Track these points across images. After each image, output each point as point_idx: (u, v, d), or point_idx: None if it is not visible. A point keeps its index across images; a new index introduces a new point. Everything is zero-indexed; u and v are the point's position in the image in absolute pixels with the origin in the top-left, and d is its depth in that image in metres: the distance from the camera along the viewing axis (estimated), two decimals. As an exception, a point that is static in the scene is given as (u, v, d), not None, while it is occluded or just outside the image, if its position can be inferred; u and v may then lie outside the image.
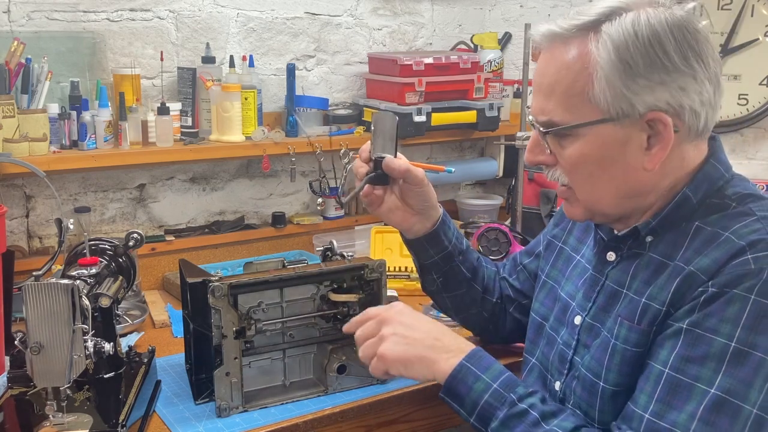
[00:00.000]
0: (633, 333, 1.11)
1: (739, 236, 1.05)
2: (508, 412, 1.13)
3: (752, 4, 2.33)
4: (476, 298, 1.54)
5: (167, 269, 2.10)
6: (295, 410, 1.41)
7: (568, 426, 1.10)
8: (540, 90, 1.12)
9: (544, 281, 1.40)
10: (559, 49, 1.09)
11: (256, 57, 2.25)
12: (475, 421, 1.17)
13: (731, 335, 1.00)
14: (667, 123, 1.06)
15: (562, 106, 1.09)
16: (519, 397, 1.14)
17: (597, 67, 1.05)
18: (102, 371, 1.37)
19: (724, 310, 1.01)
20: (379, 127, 1.41)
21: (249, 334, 1.40)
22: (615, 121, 1.07)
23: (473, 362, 1.19)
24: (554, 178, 1.17)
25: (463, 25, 2.70)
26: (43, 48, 1.91)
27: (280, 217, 2.30)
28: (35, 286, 1.16)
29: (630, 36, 1.05)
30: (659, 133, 1.07)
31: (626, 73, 1.05)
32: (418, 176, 1.41)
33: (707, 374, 1.01)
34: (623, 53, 1.05)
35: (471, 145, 2.78)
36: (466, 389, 1.17)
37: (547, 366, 1.30)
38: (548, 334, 1.32)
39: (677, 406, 1.02)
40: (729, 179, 1.14)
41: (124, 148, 1.96)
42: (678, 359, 1.04)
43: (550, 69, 1.10)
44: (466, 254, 1.52)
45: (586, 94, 1.07)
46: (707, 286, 1.03)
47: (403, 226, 1.48)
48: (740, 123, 2.39)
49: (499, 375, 1.17)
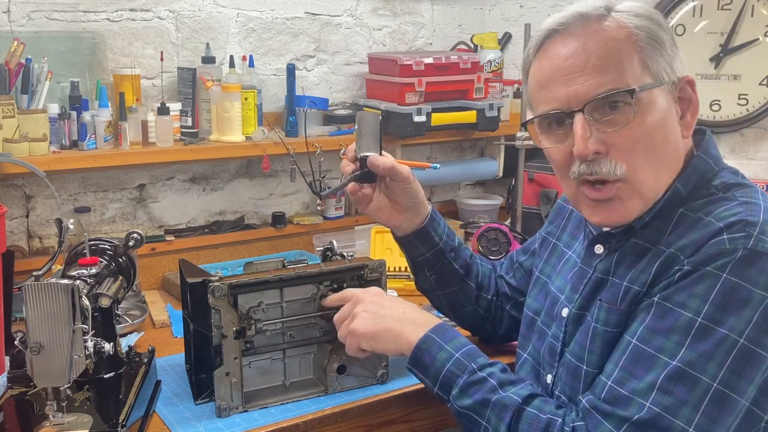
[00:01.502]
0: (613, 315, 1.13)
1: (719, 219, 1.06)
2: (468, 379, 1.18)
3: (752, 4, 2.33)
4: (471, 296, 1.55)
5: (167, 269, 2.10)
6: (295, 410, 1.41)
7: (523, 393, 1.14)
8: (587, 70, 1.08)
9: (537, 277, 1.41)
10: (595, 26, 1.10)
11: (256, 57, 2.25)
12: (438, 390, 1.23)
13: (698, 311, 1.02)
14: (695, 84, 1.13)
15: (620, 73, 1.08)
16: (479, 366, 1.19)
17: (637, 37, 1.09)
18: (102, 371, 1.37)
19: (694, 286, 1.03)
20: (363, 126, 1.45)
21: (249, 334, 1.40)
22: (664, 86, 1.11)
23: (438, 334, 1.26)
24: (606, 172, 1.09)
25: (463, 25, 2.70)
26: (43, 48, 1.91)
27: (280, 217, 2.30)
28: (35, 286, 1.16)
29: (642, 15, 1.11)
30: (689, 97, 1.13)
31: (658, 43, 1.10)
32: (403, 173, 1.44)
33: (670, 346, 1.03)
34: (647, 27, 1.10)
35: (471, 145, 2.78)
36: (431, 359, 1.23)
37: (538, 360, 1.31)
38: (539, 329, 1.33)
39: (638, 374, 1.05)
40: (717, 171, 1.16)
41: (124, 148, 1.96)
42: (645, 330, 1.06)
43: (594, 45, 1.09)
44: (458, 251, 1.54)
45: (636, 60, 1.09)
46: (683, 264, 1.05)
47: (392, 224, 1.51)
48: (740, 123, 2.40)
49: (462, 346, 1.23)
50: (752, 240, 1.02)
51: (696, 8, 2.41)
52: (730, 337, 1.00)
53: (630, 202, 1.12)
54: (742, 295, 1.01)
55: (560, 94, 1.11)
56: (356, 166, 1.45)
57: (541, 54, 1.14)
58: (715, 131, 2.43)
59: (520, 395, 1.14)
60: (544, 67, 1.13)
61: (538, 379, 1.31)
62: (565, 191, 1.21)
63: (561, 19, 1.12)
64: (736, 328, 1.00)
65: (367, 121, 1.45)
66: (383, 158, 1.44)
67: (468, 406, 1.17)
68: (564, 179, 1.17)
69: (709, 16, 2.39)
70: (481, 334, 1.63)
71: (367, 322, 1.32)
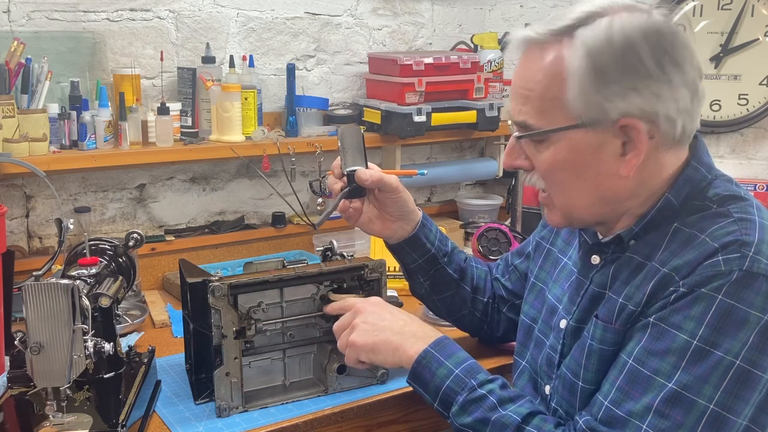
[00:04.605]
0: (608, 333, 1.13)
1: (714, 238, 1.05)
2: (467, 396, 1.17)
3: (752, 4, 2.33)
4: (466, 299, 1.54)
5: (167, 269, 2.10)
6: (295, 410, 1.41)
7: (523, 411, 1.14)
8: (516, 94, 1.13)
9: (533, 283, 1.40)
10: (535, 54, 1.09)
11: (256, 57, 2.25)
12: (438, 406, 1.22)
13: (694, 333, 1.02)
14: (641, 129, 1.05)
15: (537, 111, 1.09)
16: (479, 383, 1.18)
17: (570, 73, 1.05)
18: (102, 371, 1.37)
19: (690, 308, 1.03)
20: (346, 141, 1.44)
21: (249, 334, 1.40)
22: (588, 127, 1.07)
23: (438, 349, 1.24)
24: (532, 183, 1.17)
25: (463, 25, 2.70)
26: (43, 48, 1.91)
27: (280, 217, 2.30)
28: (35, 286, 1.16)
29: (602, 41, 1.04)
30: (633, 139, 1.07)
31: (599, 79, 1.04)
32: (391, 183, 1.43)
33: (666, 368, 1.03)
34: (596, 59, 1.04)
35: (471, 145, 2.78)
36: (430, 375, 1.22)
37: (536, 369, 1.31)
38: (537, 338, 1.33)
39: (634, 396, 1.05)
40: (711, 180, 1.14)
41: (124, 148, 1.96)
42: (641, 351, 1.06)
43: (526, 74, 1.10)
44: (452, 256, 1.53)
45: (559, 99, 1.07)
46: (678, 285, 1.04)
47: (384, 234, 1.50)
48: (740, 123, 2.39)
49: (462, 362, 1.22)
50: (747, 261, 1.02)
51: (696, 8, 2.41)
52: (726, 360, 1.00)
53: (554, 215, 1.19)
54: (737, 317, 1.00)
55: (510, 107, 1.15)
56: (344, 183, 1.44)
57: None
58: (715, 131, 2.43)
59: (519, 414, 1.13)
60: (514, 74, 1.16)
61: (537, 389, 1.31)
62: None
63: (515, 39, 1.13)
64: (732, 351, 1.00)
65: (349, 134, 1.45)
66: (370, 171, 1.43)
67: (468, 424, 1.16)
68: None
69: (709, 16, 2.39)
70: (479, 336, 1.63)
71: (366, 334, 1.31)
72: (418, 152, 2.64)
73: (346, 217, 1.48)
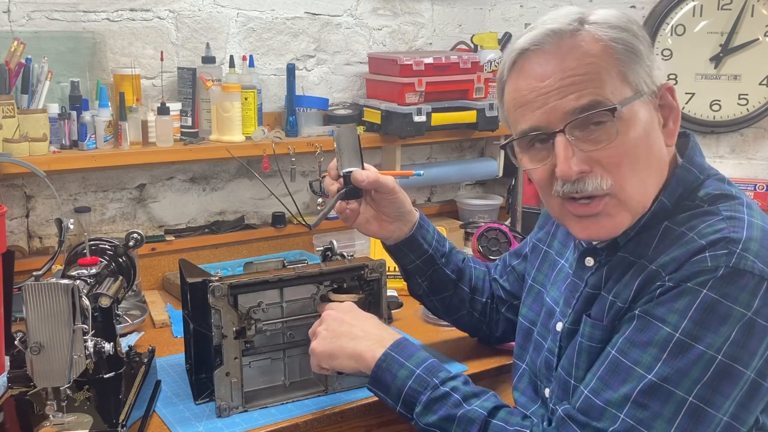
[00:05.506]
0: (597, 330, 1.13)
1: (702, 236, 1.05)
2: (431, 395, 1.17)
3: (752, 4, 2.33)
4: (465, 300, 1.54)
5: (167, 269, 2.10)
6: (295, 410, 1.41)
7: (488, 406, 1.14)
8: (565, 88, 1.06)
9: (531, 285, 1.40)
10: (569, 42, 1.07)
11: (256, 57, 2.25)
12: (401, 408, 1.21)
13: (677, 326, 1.02)
14: (674, 91, 1.12)
15: (601, 90, 1.05)
16: (441, 380, 1.18)
17: (613, 49, 1.07)
18: (102, 371, 1.37)
19: (674, 301, 1.03)
20: (342, 142, 1.43)
21: (249, 334, 1.40)
22: (644, 97, 1.09)
23: (397, 351, 1.23)
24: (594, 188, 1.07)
25: (463, 25, 2.70)
26: (43, 48, 1.91)
27: (280, 217, 2.30)
28: (35, 286, 1.16)
29: (616, 26, 1.08)
30: (669, 105, 1.11)
31: (635, 53, 1.08)
32: (388, 184, 1.43)
33: (647, 360, 1.03)
34: (623, 37, 1.07)
35: (471, 145, 2.78)
36: (391, 377, 1.21)
37: (536, 372, 1.31)
38: (536, 341, 1.33)
39: (613, 385, 1.05)
40: (703, 180, 1.14)
41: (124, 148, 1.96)
42: (624, 342, 1.06)
43: (571, 63, 1.06)
44: (450, 256, 1.52)
45: (617, 74, 1.07)
46: (664, 280, 1.05)
47: (382, 235, 1.49)
48: (740, 123, 2.39)
49: (422, 362, 1.21)
50: (734, 257, 1.02)
51: (696, 8, 2.41)
52: (708, 354, 1.00)
53: (618, 217, 1.10)
54: (721, 312, 1.00)
55: (539, 114, 1.08)
56: (340, 184, 1.43)
57: (516, 74, 1.11)
58: (715, 131, 2.43)
59: (485, 408, 1.13)
60: (521, 87, 1.10)
61: (537, 392, 1.30)
62: (548, 208, 1.17)
63: (534, 38, 1.09)
64: (713, 345, 1.00)
65: (344, 135, 1.44)
66: (366, 172, 1.42)
67: (433, 423, 1.16)
68: (547, 196, 1.14)
69: (709, 16, 2.39)
70: (478, 336, 1.63)
71: (324, 341, 1.31)
72: (418, 152, 2.64)
73: (343, 218, 1.47)
